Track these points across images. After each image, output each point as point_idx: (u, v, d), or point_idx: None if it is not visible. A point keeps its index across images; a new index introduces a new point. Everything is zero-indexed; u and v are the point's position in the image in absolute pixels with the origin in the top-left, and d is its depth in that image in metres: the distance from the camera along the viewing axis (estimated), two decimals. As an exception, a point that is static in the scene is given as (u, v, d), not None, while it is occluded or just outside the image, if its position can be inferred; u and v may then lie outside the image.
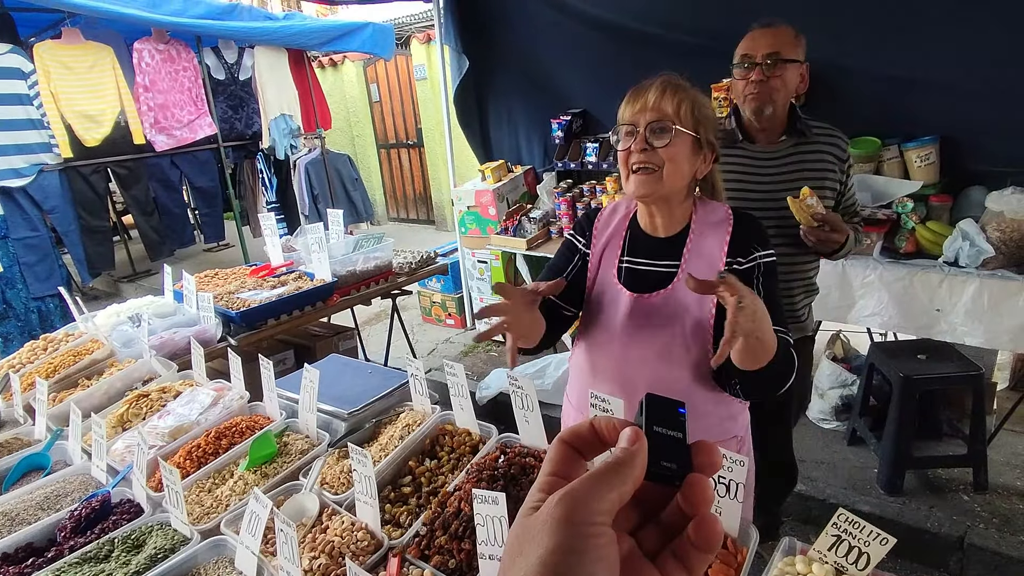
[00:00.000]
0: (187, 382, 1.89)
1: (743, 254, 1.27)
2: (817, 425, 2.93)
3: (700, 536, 0.32)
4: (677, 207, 1.31)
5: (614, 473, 0.31)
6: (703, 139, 1.24)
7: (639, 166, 1.22)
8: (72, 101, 4.46)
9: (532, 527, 0.30)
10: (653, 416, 0.35)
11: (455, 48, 4.06)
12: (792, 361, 1.20)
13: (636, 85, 1.26)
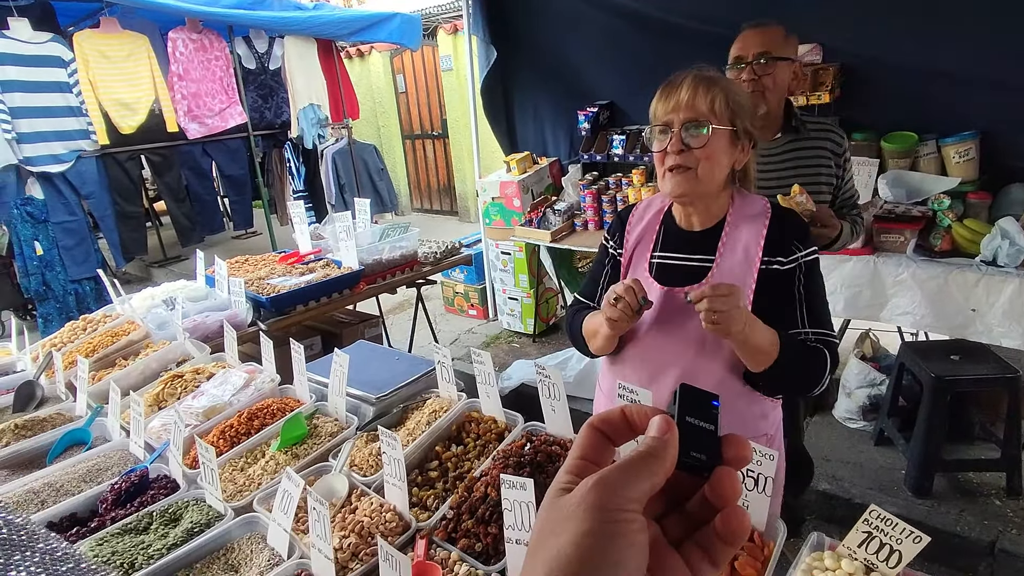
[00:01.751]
0: (220, 364, 1.94)
1: (784, 253, 1.24)
2: (843, 424, 2.89)
3: (727, 528, 0.32)
4: (714, 202, 1.29)
5: (646, 462, 0.31)
6: (740, 130, 1.22)
7: (675, 166, 1.21)
8: (109, 89, 4.57)
9: (564, 509, 0.31)
10: (686, 407, 0.35)
11: (483, 39, 4.06)
12: (820, 364, 1.21)
13: (666, 81, 1.25)
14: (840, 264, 2.57)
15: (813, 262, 1.27)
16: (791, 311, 1.25)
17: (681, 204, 1.32)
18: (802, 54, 3.04)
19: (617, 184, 3.75)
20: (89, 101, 4.46)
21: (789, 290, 1.25)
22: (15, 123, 4.09)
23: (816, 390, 1.24)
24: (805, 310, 1.25)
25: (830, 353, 1.23)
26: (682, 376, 1.28)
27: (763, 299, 1.23)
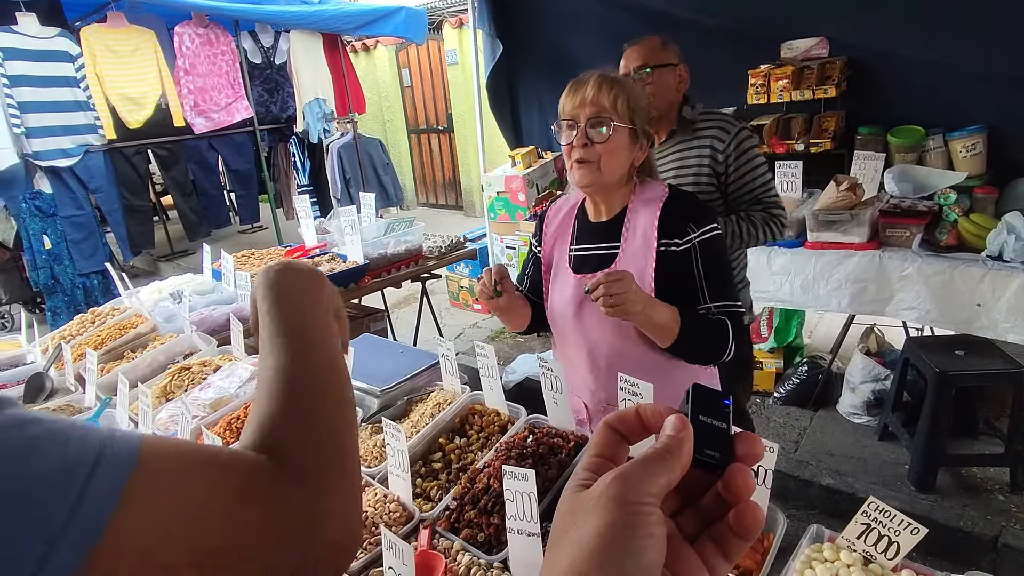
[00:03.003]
0: (226, 356, 1.96)
1: (679, 234, 1.31)
2: (847, 419, 2.89)
3: (740, 524, 0.33)
4: (616, 192, 1.38)
5: (663, 459, 0.33)
6: (639, 129, 1.32)
7: (580, 159, 1.30)
8: (116, 84, 4.59)
9: (585, 502, 0.32)
10: (698, 406, 0.37)
11: (489, 32, 4.05)
12: (723, 334, 1.31)
13: (575, 78, 1.33)
14: (845, 259, 2.56)
15: (711, 239, 1.32)
16: (692, 289, 1.33)
17: (588, 195, 1.42)
18: (808, 48, 3.03)
19: (622, 178, 3.74)
20: (96, 96, 4.49)
21: (688, 269, 1.32)
22: (24, 117, 4.11)
23: (724, 357, 1.34)
24: (706, 286, 1.33)
25: (732, 322, 1.32)
26: (609, 358, 1.39)
27: (666, 279, 1.32)
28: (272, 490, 0.41)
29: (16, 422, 0.35)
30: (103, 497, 0.34)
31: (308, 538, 0.41)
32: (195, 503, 0.38)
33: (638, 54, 1.89)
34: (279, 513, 0.41)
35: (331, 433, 0.47)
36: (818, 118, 3.01)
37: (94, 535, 0.34)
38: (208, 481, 0.39)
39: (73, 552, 0.33)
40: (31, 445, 0.34)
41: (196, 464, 0.40)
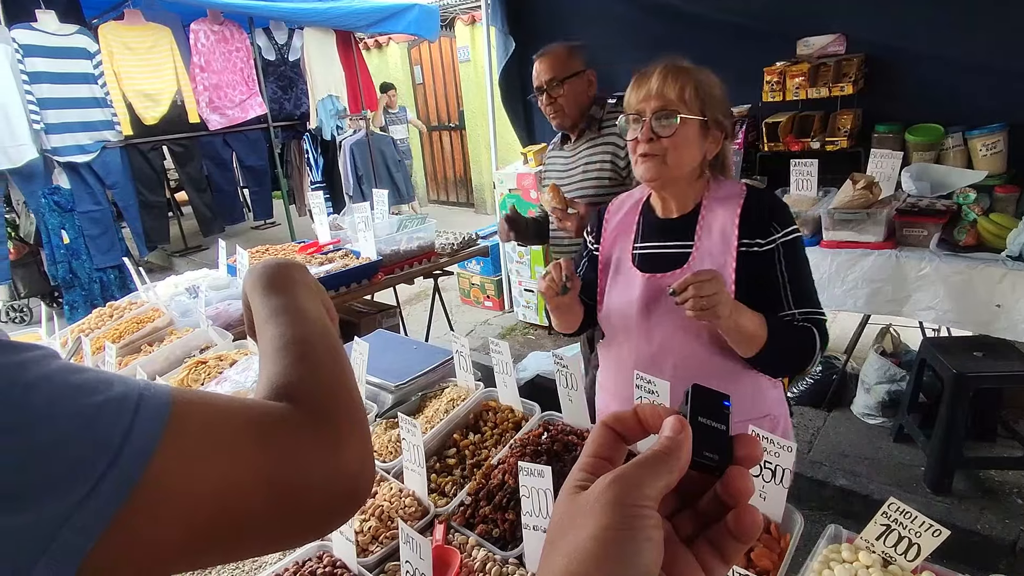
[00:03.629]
0: (242, 351, 1.98)
1: (762, 234, 1.25)
2: (862, 420, 2.86)
3: (739, 527, 0.33)
4: (688, 188, 1.32)
5: (661, 461, 0.32)
6: (710, 120, 1.25)
7: (645, 153, 1.25)
8: (133, 80, 4.64)
9: (583, 504, 0.32)
10: (698, 407, 0.36)
11: (501, 29, 4.05)
12: (809, 343, 1.23)
13: (640, 71, 1.29)
14: (861, 258, 2.54)
15: (794, 240, 1.27)
16: (775, 293, 1.26)
17: (655, 190, 1.36)
18: (825, 45, 3.00)
19: (635, 176, 3.73)
20: (113, 92, 4.54)
21: (771, 271, 1.26)
22: (43, 114, 4.17)
23: (809, 367, 1.28)
24: (789, 291, 1.26)
25: (819, 331, 1.25)
26: (676, 363, 1.31)
27: (746, 282, 1.24)
28: (295, 430, 0.43)
29: (70, 366, 0.37)
30: (148, 430, 0.36)
31: (330, 473, 0.43)
32: (225, 442, 0.39)
33: (547, 67, 1.98)
34: (303, 451, 0.42)
35: (337, 383, 0.50)
36: (834, 116, 2.98)
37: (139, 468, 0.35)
38: (235, 422, 0.41)
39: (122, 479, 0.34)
40: (87, 382, 0.37)
41: (223, 406, 0.42)
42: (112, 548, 0.34)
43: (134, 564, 0.36)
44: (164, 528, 0.36)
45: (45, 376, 0.35)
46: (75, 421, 0.34)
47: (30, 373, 0.35)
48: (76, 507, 0.33)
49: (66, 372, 0.37)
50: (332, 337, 0.55)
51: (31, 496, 0.32)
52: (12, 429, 0.33)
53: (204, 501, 0.37)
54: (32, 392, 0.34)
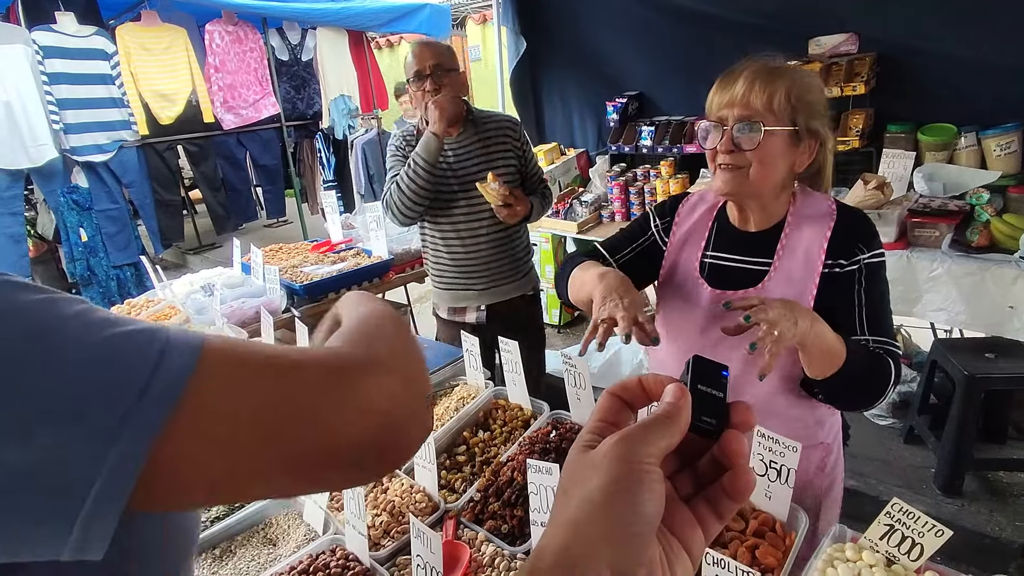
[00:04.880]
0: (256, 349, 2.02)
1: (846, 255, 1.16)
2: (872, 421, 2.86)
3: (734, 486, 0.36)
4: (771, 202, 1.21)
5: (663, 424, 0.35)
6: (803, 129, 1.12)
7: (724, 164, 1.15)
8: (149, 81, 4.71)
9: (590, 461, 0.35)
10: (698, 376, 0.39)
11: (512, 29, 4.06)
12: (882, 371, 1.12)
13: (727, 70, 1.16)
14: (872, 259, 2.53)
15: (877, 265, 1.17)
16: (849, 314, 1.15)
17: (733, 203, 1.26)
18: (836, 44, 2.98)
19: (645, 176, 3.73)
20: (130, 92, 4.61)
21: (848, 292, 1.16)
22: (62, 114, 4.24)
23: (879, 402, 1.17)
24: (865, 314, 1.16)
25: (894, 363, 1.13)
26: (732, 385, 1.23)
27: (823, 304, 1.15)
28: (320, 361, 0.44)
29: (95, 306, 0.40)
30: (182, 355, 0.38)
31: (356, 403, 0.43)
32: (254, 368, 0.41)
33: (433, 53, 2.01)
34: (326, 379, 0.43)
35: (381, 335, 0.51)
36: (846, 115, 2.97)
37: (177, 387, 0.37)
38: (263, 353, 0.42)
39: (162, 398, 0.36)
40: (115, 316, 0.39)
41: (251, 343, 0.43)
42: (160, 470, 0.36)
43: (182, 489, 0.38)
44: (207, 449, 0.37)
45: (79, 311, 0.38)
46: (109, 344, 0.36)
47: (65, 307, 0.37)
48: (121, 423, 0.35)
49: (94, 308, 0.39)
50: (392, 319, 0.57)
51: (78, 409, 0.34)
52: (49, 351, 0.35)
53: (241, 422, 0.39)
54: (68, 322, 0.37)
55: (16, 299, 0.36)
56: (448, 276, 2.23)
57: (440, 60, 2.00)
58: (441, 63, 2.00)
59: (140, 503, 0.36)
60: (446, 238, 2.18)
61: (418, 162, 1.97)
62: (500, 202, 1.98)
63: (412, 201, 2.01)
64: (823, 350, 1.05)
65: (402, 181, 2.01)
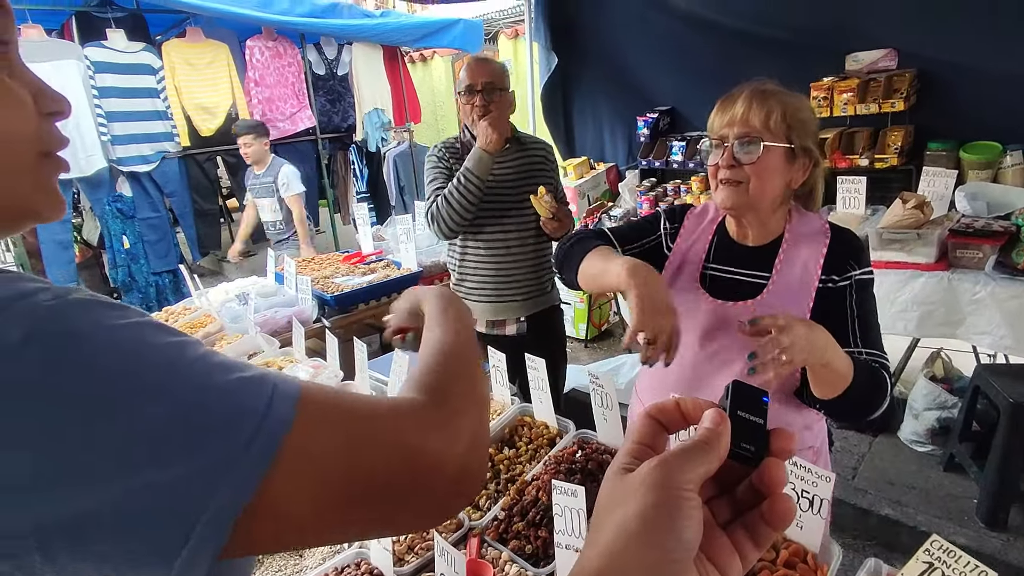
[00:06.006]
0: (288, 358, 2.06)
1: (838, 271, 1.23)
2: (909, 447, 2.76)
3: (773, 514, 0.36)
4: (769, 217, 1.27)
5: (702, 450, 0.35)
6: (797, 147, 1.19)
7: (726, 179, 1.21)
8: (192, 94, 4.88)
9: (628, 484, 0.35)
10: (737, 401, 0.39)
11: (544, 45, 4.10)
12: (881, 385, 1.15)
13: (726, 94, 1.24)
14: (911, 280, 2.46)
15: (867, 281, 1.23)
16: (842, 327, 1.19)
17: (733, 217, 1.31)
18: (875, 60, 2.93)
19: (676, 191, 3.71)
20: (174, 105, 4.78)
21: (840, 307, 1.22)
22: (110, 126, 4.42)
23: (876, 414, 1.19)
24: (857, 327, 1.21)
25: (888, 376, 1.18)
26: None
27: (817, 317, 1.20)
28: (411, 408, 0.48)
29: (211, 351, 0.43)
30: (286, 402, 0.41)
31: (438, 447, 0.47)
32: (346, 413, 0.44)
33: (487, 72, 2.07)
34: (414, 424, 0.47)
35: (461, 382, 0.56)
36: (884, 132, 2.91)
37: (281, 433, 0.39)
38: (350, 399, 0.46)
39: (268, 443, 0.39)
40: (229, 362, 0.42)
41: (337, 389, 0.48)
42: (260, 509, 0.38)
43: (275, 529, 0.40)
44: (300, 490, 0.40)
45: (200, 356, 0.41)
46: (224, 391, 0.39)
47: (188, 352, 0.40)
48: (229, 466, 0.37)
49: (212, 354, 0.42)
50: (471, 351, 0.63)
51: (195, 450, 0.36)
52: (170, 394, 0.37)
53: (335, 465, 0.41)
54: (194, 365, 0.40)
55: (156, 341, 0.39)
56: (489, 288, 2.24)
57: (493, 79, 2.06)
58: (494, 82, 2.06)
59: (235, 543, 0.37)
60: (492, 250, 2.20)
61: (469, 177, 2.01)
62: (550, 215, 2.02)
63: (460, 215, 2.05)
64: (833, 373, 1.07)
65: (451, 195, 2.04)
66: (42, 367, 0.34)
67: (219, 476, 0.37)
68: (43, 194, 0.47)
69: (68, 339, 0.36)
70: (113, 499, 0.34)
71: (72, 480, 0.34)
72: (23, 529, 0.33)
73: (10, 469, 0.33)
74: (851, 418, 1.27)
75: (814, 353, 1.01)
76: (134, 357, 0.37)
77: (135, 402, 0.36)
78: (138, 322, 0.40)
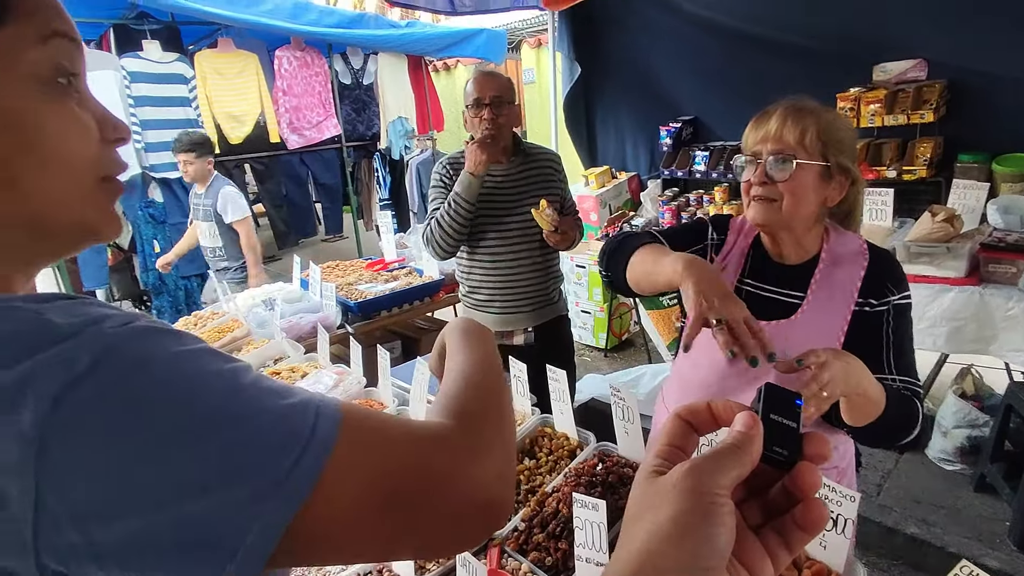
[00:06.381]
0: (313, 364, 2.09)
1: (876, 295, 1.20)
2: (937, 465, 2.70)
3: (806, 518, 0.36)
4: (804, 235, 1.25)
5: (734, 454, 0.35)
6: (833, 165, 1.17)
7: (757, 196, 1.19)
8: (222, 103, 5.01)
9: (660, 488, 0.35)
10: (770, 405, 0.38)
11: (568, 55, 4.12)
12: (913, 413, 1.14)
13: (761, 111, 1.23)
14: (940, 295, 2.41)
15: (905, 307, 1.21)
16: (876, 353, 1.17)
17: (766, 234, 1.29)
18: (904, 70, 2.89)
19: (698, 201, 3.69)
20: (204, 114, 4.91)
21: (876, 332, 1.19)
22: (144, 134, 4.56)
23: (904, 441, 1.18)
24: (892, 354, 1.18)
25: (919, 403, 1.16)
26: None
27: (852, 342, 1.18)
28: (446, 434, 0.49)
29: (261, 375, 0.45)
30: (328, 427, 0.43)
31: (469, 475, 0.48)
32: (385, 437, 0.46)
33: (495, 86, 2.09)
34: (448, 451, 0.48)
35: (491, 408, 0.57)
36: (912, 144, 2.86)
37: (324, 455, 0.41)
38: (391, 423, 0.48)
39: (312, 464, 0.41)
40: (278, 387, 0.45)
41: (378, 412, 0.49)
42: (301, 528, 0.40)
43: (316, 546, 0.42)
44: (340, 512, 0.42)
45: (252, 382, 0.43)
46: (275, 416, 0.42)
47: (242, 378, 0.43)
48: (277, 486, 0.39)
49: (262, 379, 0.45)
50: (498, 377, 0.64)
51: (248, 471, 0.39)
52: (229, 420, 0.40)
53: (370, 488, 0.43)
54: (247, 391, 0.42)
55: (213, 368, 0.42)
56: (498, 300, 2.26)
57: (500, 92, 2.10)
58: (501, 95, 2.10)
59: (276, 558, 0.39)
60: (498, 262, 2.22)
61: (459, 202, 2.05)
62: (552, 227, 2.04)
63: (452, 238, 2.11)
64: (866, 402, 1.06)
65: (442, 219, 2.09)
66: (109, 394, 0.37)
67: (267, 497, 0.38)
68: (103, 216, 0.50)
69: (133, 367, 0.38)
70: (170, 520, 0.36)
71: (133, 502, 0.36)
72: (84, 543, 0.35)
73: (76, 491, 0.35)
74: (880, 443, 1.26)
75: (850, 384, 1.00)
76: (194, 385, 0.40)
77: (196, 429, 0.38)
78: (196, 349, 0.42)
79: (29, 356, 0.36)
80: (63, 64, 0.47)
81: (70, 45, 0.48)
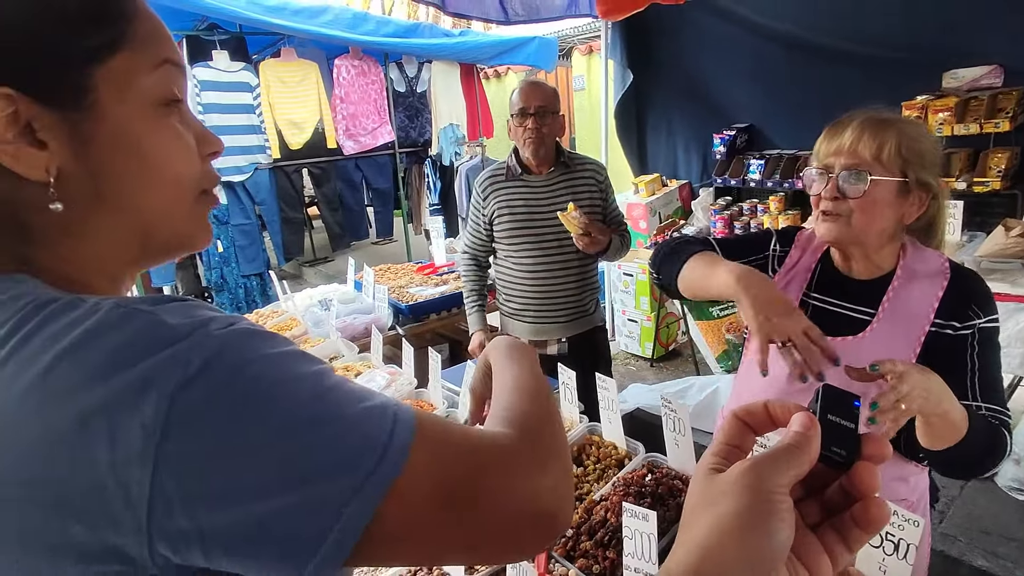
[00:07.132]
0: (366, 364, 2.16)
1: (959, 317, 1.12)
2: (1008, 494, 2.54)
3: (864, 517, 0.36)
4: (876, 251, 1.19)
5: (791, 453, 0.36)
6: (912, 181, 1.10)
7: (826, 211, 1.15)
8: (283, 110, 5.22)
9: (720, 485, 0.36)
10: (828, 405, 0.39)
11: (620, 63, 4.11)
12: (999, 444, 1.07)
13: (835, 120, 1.17)
14: (1015, 313, 2.29)
15: (992, 331, 1.13)
16: (960, 379, 1.10)
17: (836, 248, 1.25)
18: (977, 77, 2.76)
19: (752, 210, 3.61)
20: (267, 120, 5.12)
21: (961, 356, 1.12)
22: (211, 140, 4.80)
23: (986, 472, 1.12)
24: (978, 380, 1.11)
25: (1008, 433, 1.09)
26: None
27: (928, 365, 1.09)
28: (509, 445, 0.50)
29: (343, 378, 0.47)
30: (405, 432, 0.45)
31: (531, 486, 0.49)
32: (454, 444, 0.47)
33: (540, 96, 2.12)
34: (512, 462, 0.49)
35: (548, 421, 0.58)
36: (985, 154, 2.72)
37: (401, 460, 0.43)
38: (458, 431, 0.49)
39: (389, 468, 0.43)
40: (358, 391, 0.47)
41: (448, 421, 0.50)
42: (375, 529, 0.42)
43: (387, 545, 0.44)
44: (410, 515, 0.44)
45: (335, 384, 0.46)
46: (357, 418, 0.44)
47: (326, 381, 0.45)
48: (359, 487, 0.41)
49: (344, 381, 0.47)
50: (547, 391, 0.65)
51: (335, 470, 0.41)
52: (319, 421, 0.42)
53: (438, 494, 0.44)
54: (332, 393, 0.44)
55: (303, 371, 0.44)
56: (532, 309, 2.28)
57: (546, 103, 2.14)
58: (546, 106, 2.13)
59: (353, 559, 0.42)
60: (534, 273, 2.24)
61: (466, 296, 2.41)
62: (580, 231, 2.05)
63: None
64: (947, 424, 1.00)
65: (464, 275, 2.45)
66: (217, 394, 0.40)
67: (350, 497, 0.41)
68: (200, 228, 0.54)
69: (236, 368, 0.41)
70: (265, 514, 0.39)
71: (235, 496, 0.39)
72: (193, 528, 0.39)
73: (189, 480, 0.39)
74: (958, 473, 1.19)
75: (930, 401, 0.96)
76: (288, 386, 0.43)
77: (291, 429, 0.41)
78: (288, 352, 0.45)
79: (150, 356, 0.40)
80: (172, 90, 0.51)
81: (177, 71, 0.52)
